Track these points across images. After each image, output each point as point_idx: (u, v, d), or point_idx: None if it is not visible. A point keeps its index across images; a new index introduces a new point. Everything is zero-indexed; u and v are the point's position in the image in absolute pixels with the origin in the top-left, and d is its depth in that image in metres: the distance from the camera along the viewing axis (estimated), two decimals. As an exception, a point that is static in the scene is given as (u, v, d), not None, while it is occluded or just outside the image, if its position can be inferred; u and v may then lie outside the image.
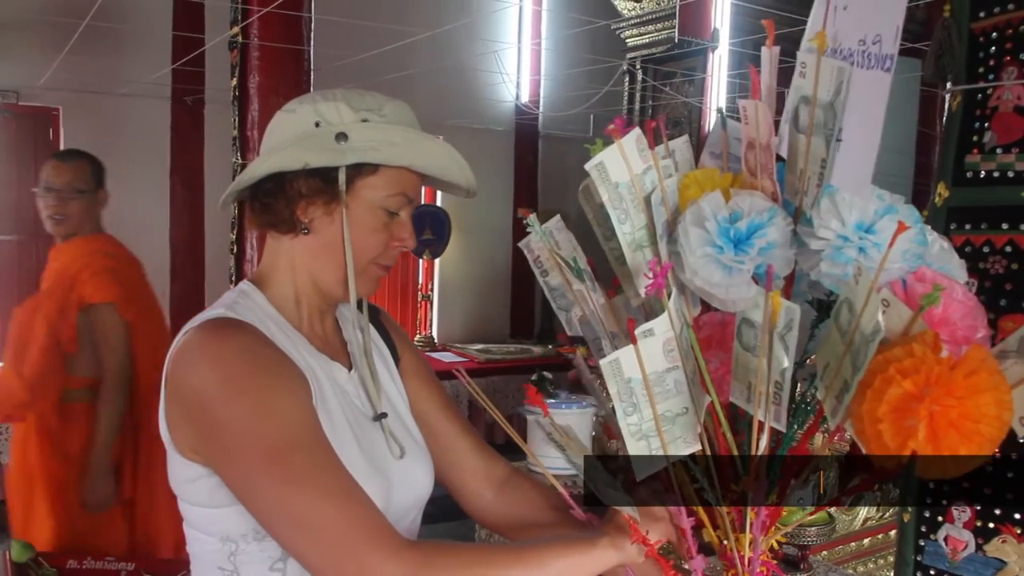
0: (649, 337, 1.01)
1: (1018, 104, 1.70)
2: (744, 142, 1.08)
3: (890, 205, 0.99)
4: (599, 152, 1.03)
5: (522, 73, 8.62)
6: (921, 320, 0.94)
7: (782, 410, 1.06)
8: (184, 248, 7.02)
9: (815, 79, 0.96)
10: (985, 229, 1.75)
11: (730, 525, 1.24)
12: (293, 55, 5.06)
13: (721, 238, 1.01)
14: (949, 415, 0.89)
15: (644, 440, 1.08)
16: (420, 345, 8.15)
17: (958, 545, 1.78)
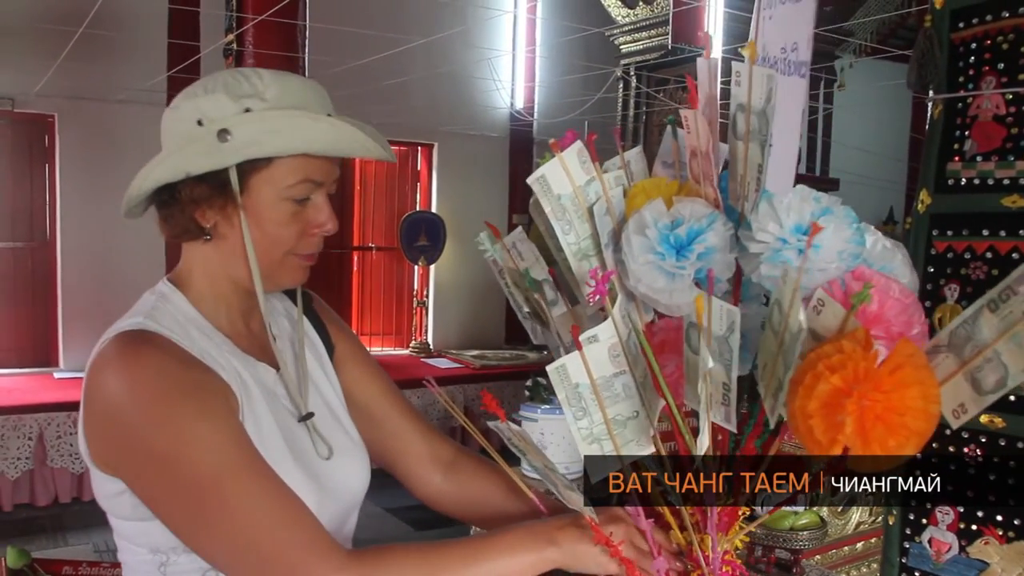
0: (594, 343, 1.03)
1: (997, 113, 1.72)
2: (687, 151, 1.10)
3: (826, 207, 1.02)
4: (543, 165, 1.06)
5: (516, 80, 8.66)
6: (854, 318, 0.96)
7: (731, 411, 1.09)
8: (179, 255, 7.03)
9: (748, 87, 0.98)
10: (966, 235, 1.78)
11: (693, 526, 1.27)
12: (288, 62, 5.10)
13: (662, 245, 1.04)
14: (876, 409, 0.91)
15: (596, 443, 1.10)
16: (415, 351, 8.18)
17: (942, 547, 1.80)
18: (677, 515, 1.26)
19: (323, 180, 1.32)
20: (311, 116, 1.28)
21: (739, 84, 1.01)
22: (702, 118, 1.04)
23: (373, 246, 8.41)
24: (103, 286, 6.77)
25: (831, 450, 0.94)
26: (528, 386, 4.82)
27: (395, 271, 8.53)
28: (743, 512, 1.26)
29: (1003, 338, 0.94)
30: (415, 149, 8.48)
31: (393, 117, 7.68)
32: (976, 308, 0.97)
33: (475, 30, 8.13)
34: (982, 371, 0.96)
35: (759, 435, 1.18)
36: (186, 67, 6.36)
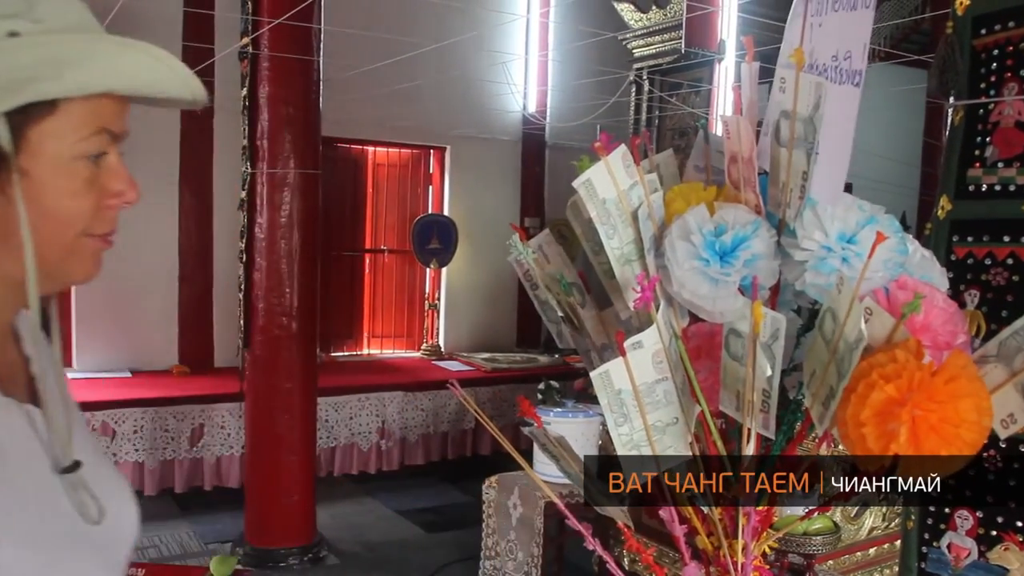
0: (638, 349, 1.03)
1: (1019, 119, 1.73)
2: (727, 156, 1.10)
3: (871, 216, 1.02)
4: (586, 169, 1.06)
5: (529, 84, 8.67)
6: (903, 327, 0.96)
7: (770, 418, 1.09)
8: (193, 255, 7.09)
9: (795, 94, 0.98)
10: (987, 242, 1.78)
11: (723, 531, 1.26)
12: (302, 66, 5.11)
13: (707, 251, 1.04)
14: (930, 419, 0.91)
15: (635, 450, 1.10)
16: (427, 354, 8.19)
17: (961, 552, 1.80)
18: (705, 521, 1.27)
19: (120, 131, 0.99)
20: (116, 40, 0.95)
21: (783, 91, 1.01)
22: (744, 123, 1.04)
23: (385, 249, 8.42)
24: (116, 288, 6.79)
25: (883, 459, 0.94)
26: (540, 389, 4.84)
27: (407, 274, 8.54)
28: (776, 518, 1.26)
29: (1055, 349, 0.94)
30: (427, 152, 8.49)
31: (406, 120, 7.70)
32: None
33: (488, 34, 8.14)
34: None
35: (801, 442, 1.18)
36: (201, 70, 6.35)
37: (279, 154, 5.10)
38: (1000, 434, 1.00)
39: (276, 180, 5.11)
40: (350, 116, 7.10)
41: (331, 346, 7.93)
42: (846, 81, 1.00)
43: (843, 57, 1.00)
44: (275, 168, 5.10)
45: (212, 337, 7.20)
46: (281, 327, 5.15)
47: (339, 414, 6.61)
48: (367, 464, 6.74)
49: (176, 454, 6.09)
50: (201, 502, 6.14)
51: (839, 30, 1.01)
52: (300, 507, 5.31)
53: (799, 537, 3.26)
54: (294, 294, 5.16)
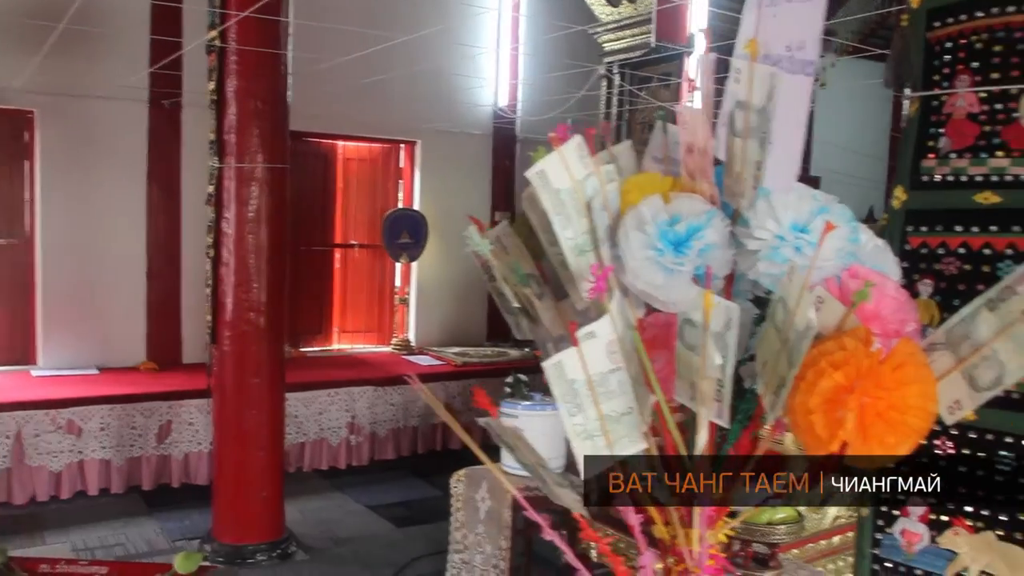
0: (591, 339, 1.03)
1: (970, 111, 1.74)
2: (683, 147, 1.11)
3: (824, 205, 1.03)
4: (541, 159, 1.05)
5: (500, 78, 8.65)
6: (854, 315, 0.97)
7: (724, 407, 1.09)
8: (161, 251, 7.03)
9: (749, 84, 0.99)
10: (940, 231, 1.79)
11: (679, 520, 1.27)
12: (271, 59, 5.07)
13: (661, 241, 1.04)
14: (877, 406, 0.92)
15: (589, 440, 1.11)
16: (397, 348, 8.17)
17: (913, 538, 1.83)
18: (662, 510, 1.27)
19: None
20: None
21: (738, 81, 1.01)
22: (700, 114, 1.05)
23: (355, 243, 8.39)
24: (82, 284, 6.73)
25: (830, 446, 0.94)
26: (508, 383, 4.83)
27: (377, 268, 8.51)
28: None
29: (1001, 336, 0.95)
30: (398, 146, 8.46)
31: (376, 114, 7.67)
32: (975, 307, 0.98)
33: (458, 28, 8.12)
34: (979, 368, 0.97)
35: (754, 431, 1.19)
36: (168, 63, 6.32)
37: (247, 148, 5.06)
38: (946, 420, 1.01)
39: (244, 175, 5.07)
40: (320, 110, 7.05)
41: (301, 341, 7.89)
42: (799, 71, 1.01)
43: (796, 47, 1.01)
44: (243, 162, 5.06)
45: (180, 333, 7.14)
46: (249, 322, 5.12)
47: (308, 409, 6.58)
48: (337, 459, 6.72)
49: (143, 451, 6.04)
50: (169, 499, 6.09)
51: (792, 20, 1.02)
52: (268, 503, 5.28)
53: (763, 526, 3.28)
54: (262, 289, 5.12)
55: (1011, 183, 1.69)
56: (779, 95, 0.96)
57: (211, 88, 5.12)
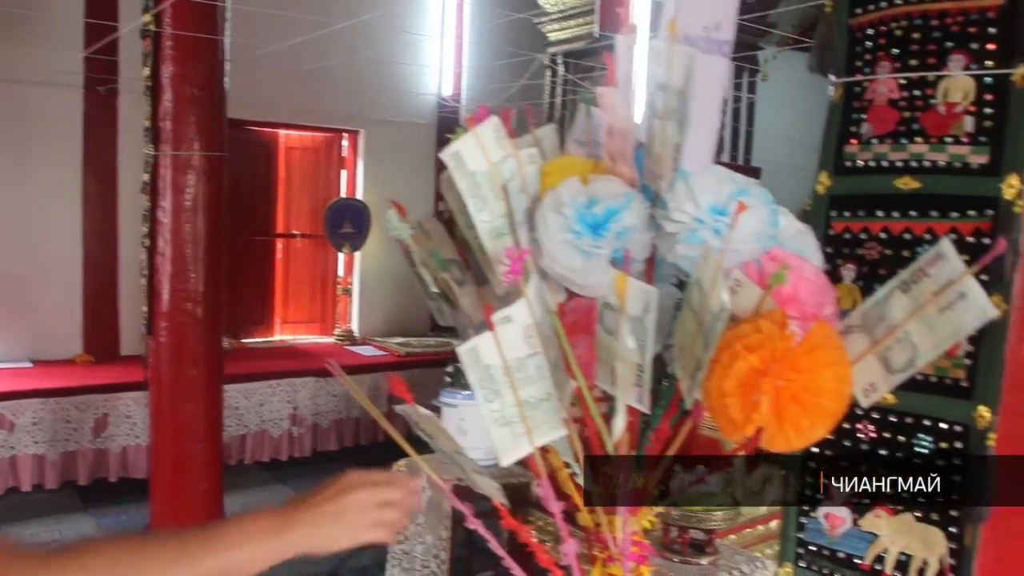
0: (508, 324, 1.02)
1: (891, 97, 1.76)
2: (604, 129, 1.09)
3: (742, 187, 1.02)
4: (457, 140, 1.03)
5: (444, 66, 8.60)
6: (771, 299, 0.96)
7: (644, 392, 1.08)
8: (97, 241, 6.88)
9: (668, 65, 0.98)
10: (863, 216, 1.81)
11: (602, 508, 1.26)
12: (207, 45, 4.97)
13: (578, 223, 1.03)
14: (791, 389, 0.92)
15: (507, 426, 1.09)
16: (340, 339, 8.10)
17: (836, 521, 1.85)
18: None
19: None
20: None
21: (658, 63, 1.00)
22: (619, 96, 1.03)
23: (297, 233, 8.28)
24: (16, 275, 6.56)
25: (746, 430, 0.94)
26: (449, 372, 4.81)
27: (319, 258, 8.42)
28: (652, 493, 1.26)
29: (913, 318, 0.95)
30: (340, 136, 8.37)
31: (318, 103, 7.57)
32: (888, 289, 0.98)
33: (401, 14, 8.05)
34: (892, 350, 0.98)
35: (673, 415, 1.18)
36: (104, 49, 6.18)
37: (183, 136, 4.96)
38: (862, 402, 1.01)
39: (180, 163, 4.97)
40: (260, 98, 6.94)
41: (242, 332, 7.78)
42: (715, 51, 1.00)
43: (713, 27, 1.00)
44: (179, 150, 4.96)
45: (118, 324, 7.00)
46: (186, 313, 5.02)
47: (249, 401, 6.49)
48: (279, 451, 6.64)
49: (79, 445, 5.92)
50: (106, 494, 5.98)
51: (710, 1, 1.01)
52: (207, 496, 5.20)
53: (699, 513, 3.31)
54: (199, 279, 5.03)
55: (929, 169, 1.71)
56: (696, 76, 0.95)
57: (146, 74, 5.00)
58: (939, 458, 1.70)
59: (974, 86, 1.66)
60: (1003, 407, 1.65)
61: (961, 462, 1.67)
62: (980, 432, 1.65)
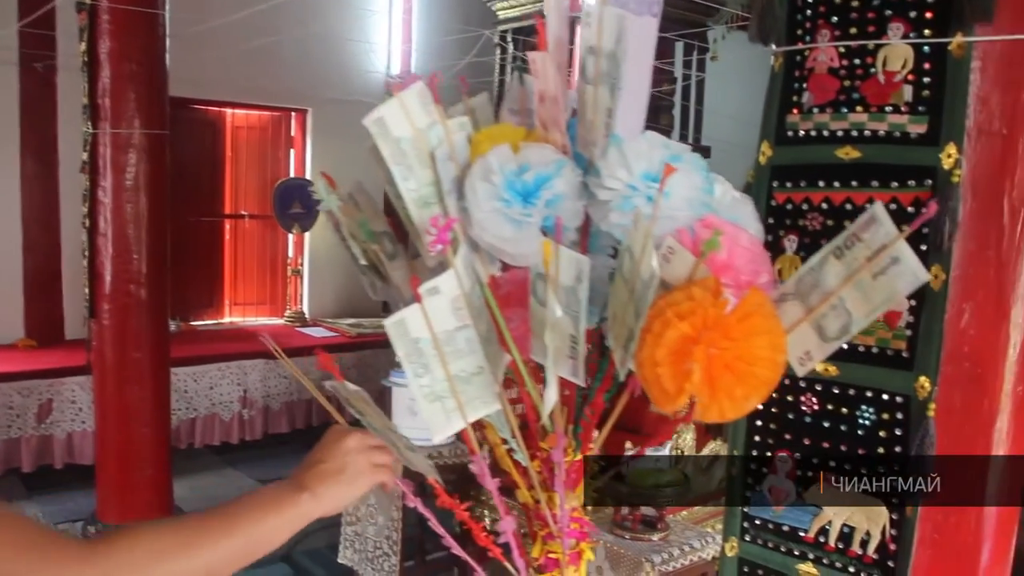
0: (435, 295, 0.98)
1: (831, 65, 1.75)
2: (536, 96, 1.06)
3: (676, 153, 0.99)
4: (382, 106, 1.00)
5: (392, 43, 8.49)
6: (704, 266, 0.94)
7: (579, 364, 1.06)
8: (37, 222, 6.71)
9: (599, 28, 0.95)
10: (804, 187, 1.80)
11: (540, 484, 1.24)
12: (146, 19, 4.84)
13: (508, 192, 1.00)
14: (724, 357, 0.90)
15: (438, 402, 1.06)
16: (291, 320, 8.00)
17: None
18: (524, 473, 1.24)
19: None
20: None
21: (589, 25, 0.97)
22: (550, 61, 1.00)
23: (245, 214, 8.15)
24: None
25: (678, 400, 0.92)
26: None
27: (268, 239, 8.29)
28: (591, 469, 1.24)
29: (847, 285, 0.94)
30: (289, 114, 8.23)
31: (265, 81, 7.43)
32: (822, 255, 0.96)
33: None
34: (827, 318, 0.96)
35: (608, 388, 1.16)
36: (38, 20, 5.99)
37: (123, 113, 4.84)
38: (797, 371, 0.99)
39: (120, 141, 4.85)
40: (205, 75, 6.81)
41: (191, 315, 7.65)
42: (645, 11, 0.97)
43: (641, -13, 0.97)
44: (119, 128, 4.84)
45: (61, 308, 6.85)
46: (129, 295, 4.93)
47: (198, 384, 6.40)
48: (229, 434, 6.56)
49: (23, 432, 5.79)
50: (51, 481, 5.87)
51: (639, -39, 0.98)
52: (155, 481, 5.12)
53: (650, 489, 3.32)
54: (142, 260, 4.93)
55: (869, 138, 1.70)
56: (627, 38, 0.92)
57: (82, 49, 4.87)
58: (881, 429, 1.70)
59: (912, 55, 1.65)
60: (942, 377, 1.65)
61: (902, 433, 1.67)
62: (921, 403, 1.65)
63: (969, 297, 1.66)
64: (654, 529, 3.37)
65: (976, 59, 1.62)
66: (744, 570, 1.92)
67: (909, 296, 1.65)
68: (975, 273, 1.66)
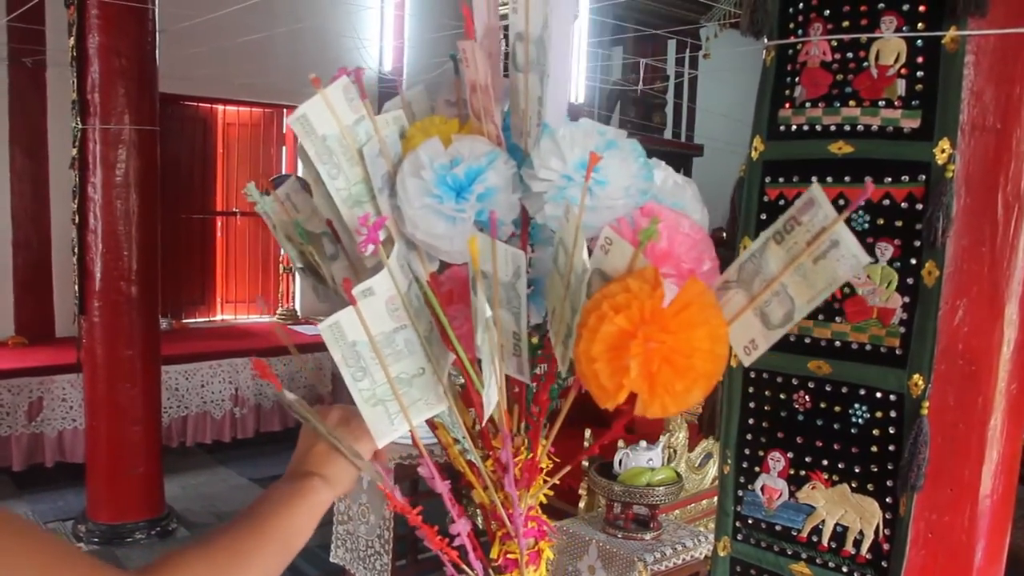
0: (370, 296, 0.94)
1: (824, 59, 1.71)
2: (467, 86, 1.02)
3: (611, 140, 0.95)
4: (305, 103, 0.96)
5: (385, 39, 8.43)
6: (643, 256, 0.90)
7: (523, 361, 1.02)
8: (27, 219, 6.68)
9: (525, 14, 0.91)
10: (797, 182, 1.76)
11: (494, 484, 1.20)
12: (135, 13, 4.79)
13: (439, 187, 0.95)
14: (662, 351, 0.85)
15: (380, 405, 1.02)
16: (283, 318, 7.96)
17: (773, 494, 1.81)
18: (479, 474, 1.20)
19: None
20: None
21: (516, 11, 0.93)
22: (480, 50, 0.96)
23: (237, 211, 8.10)
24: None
25: (618, 396, 0.88)
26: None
27: (260, 237, 8.25)
28: (545, 466, 1.20)
29: (788, 270, 0.90)
30: (280, 111, 8.18)
31: (257, 77, 7.38)
32: (763, 241, 0.92)
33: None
34: (770, 305, 0.92)
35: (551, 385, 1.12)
36: (26, 15, 5.96)
37: (112, 109, 4.81)
38: (744, 360, 0.95)
39: (110, 137, 4.82)
40: (196, 72, 6.76)
41: (182, 312, 7.62)
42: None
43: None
44: (108, 124, 4.81)
45: (52, 305, 6.82)
46: (119, 292, 4.90)
47: (190, 382, 6.37)
48: (221, 432, 6.53)
49: (13, 430, 5.76)
50: (42, 479, 5.84)
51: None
52: (146, 479, 5.10)
53: (642, 488, 3.28)
54: (133, 257, 4.90)
55: (863, 133, 1.66)
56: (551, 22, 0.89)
57: (71, 44, 4.84)
58: (874, 427, 1.67)
59: (906, 48, 1.62)
60: (936, 375, 1.62)
61: (896, 431, 1.64)
62: (914, 401, 1.62)
63: (963, 294, 1.64)
64: (647, 528, 3.34)
65: (970, 53, 1.59)
66: (736, 570, 1.89)
67: (903, 293, 1.62)
68: (969, 269, 1.64)
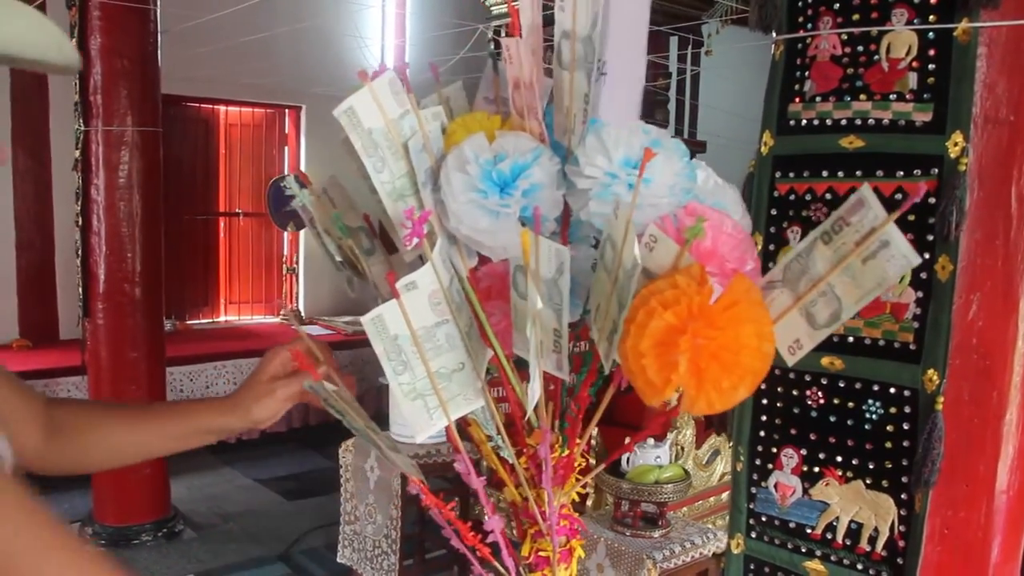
0: (413, 290, 0.94)
1: (834, 53, 1.71)
2: (510, 83, 1.02)
3: (655, 139, 0.95)
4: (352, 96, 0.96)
5: (386, 39, 8.43)
6: (688, 254, 0.91)
7: (563, 358, 1.02)
8: (31, 221, 6.67)
9: (573, 13, 0.91)
10: (807, 177, 1.76)
11: (527, 481, 1.21)
12: (137, 14, 4.80)
13: (484, 182, 0.96)
14: (710, 347, 0.86)
15: (420, 399, 1.02)
16: (286, 319, 7.96)
17: (787, 491, 1.81)
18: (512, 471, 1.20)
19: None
20: None
21: (563, 10, 0.94)
22: (524, 47, 0.97)
23: (240, 212, 8.10)
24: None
25: (665, 392, 0.88)
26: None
27: (263, 237, 8.25)
28: (579, 464, 1.20)
29: (836, 271, 0.91)
30: (283, 112, 8.18)
31: (259, 78, 7.39)
32: (810, 241, 0.93)
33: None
34: (816, 305, 0.93)
35: (593, 383, 1.12)
36: (29, 20, 5.94)
37: (115, 110, 4.81)
38: (787, 361, 0.96)
39: (113, 138, 4.82)
40: (198, 73, 6.75)
41: (186, 314, 7.62)
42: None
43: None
44: (111, 125, 4.81)
45: (56, 307, 6.81)
46: (124, 294, 4.90)
47: (194, 383, 6.37)
48: (226, 433, 6.52)
49: (17, 432, 5.75)
50: (47, 481, 5.68)
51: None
52: (152, 481, 5.10)
53: (651, 486, 3.28)
54: (136, 259, 4.90)
55: (874, 127, 1.66)
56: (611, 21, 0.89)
57: (73, 45, 4.82)
58: (888, 423, 1.67)
59: (917, 41, 1.61)
60: (951, 370, 1.62)
61: (910, 427, 1.64)
62: (929, 396, 1.62)
63: (977, 288, 1.63)
64: (655, 526, 3.34)
65: (982, 45, 1.58)
66: (750, 567, 1.89)
67: (916, 287, 1.62)
68: (983, 263, 1.63)
